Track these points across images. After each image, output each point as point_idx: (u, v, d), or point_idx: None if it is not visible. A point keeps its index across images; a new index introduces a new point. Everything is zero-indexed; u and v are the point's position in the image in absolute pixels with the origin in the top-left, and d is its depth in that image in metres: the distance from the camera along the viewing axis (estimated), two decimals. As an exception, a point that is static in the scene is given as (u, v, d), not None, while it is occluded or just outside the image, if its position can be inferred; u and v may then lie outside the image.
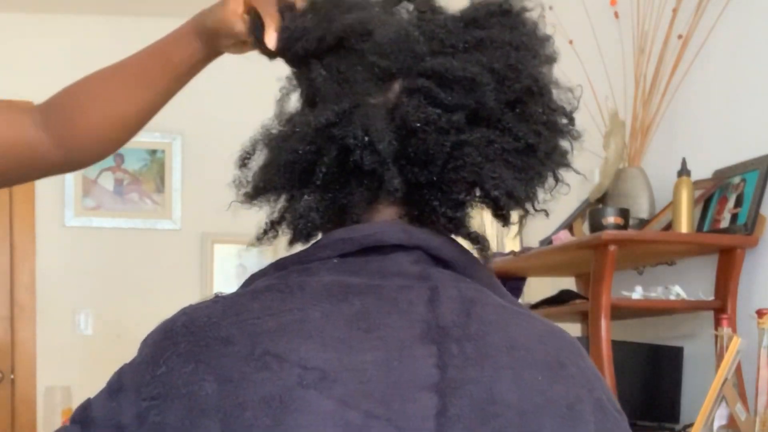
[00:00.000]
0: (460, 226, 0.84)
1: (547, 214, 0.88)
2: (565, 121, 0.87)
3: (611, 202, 2.63)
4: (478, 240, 0.85)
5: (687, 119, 2.67)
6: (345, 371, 0.73)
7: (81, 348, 4.24)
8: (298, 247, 0.85)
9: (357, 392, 0.73)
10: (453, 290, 0.80)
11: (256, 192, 0.85)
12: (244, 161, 0.87)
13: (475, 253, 0.87)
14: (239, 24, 0.97)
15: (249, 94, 2.99)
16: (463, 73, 0.81)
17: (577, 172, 0.89)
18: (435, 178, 0.81)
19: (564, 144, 0.87)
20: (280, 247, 0.86)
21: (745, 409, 2.00)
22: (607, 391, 0.83)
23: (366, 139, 0.79)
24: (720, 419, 2.00)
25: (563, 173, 0.88)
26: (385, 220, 0.84)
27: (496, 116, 0.83)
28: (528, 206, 0.86)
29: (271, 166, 0.83)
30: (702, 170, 2.50)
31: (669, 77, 2.67)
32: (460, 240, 0.85)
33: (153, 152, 4.45)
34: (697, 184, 2.44)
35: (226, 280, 4.37)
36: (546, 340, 0.81)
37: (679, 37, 2.63)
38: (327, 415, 0.71)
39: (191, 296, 1.14)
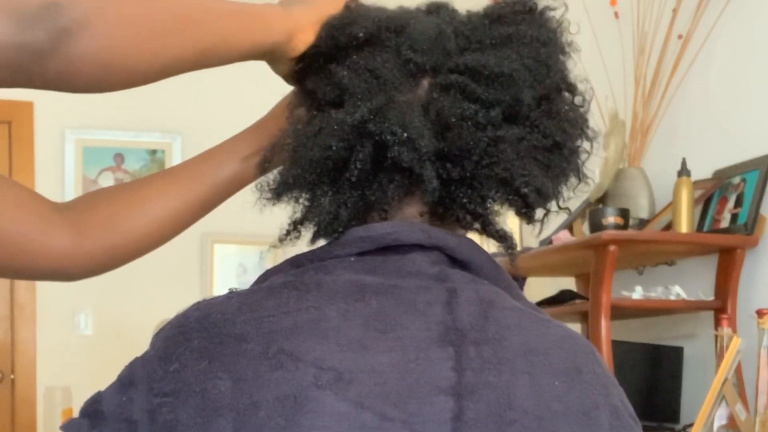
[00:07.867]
0: (487, 223, 0.83)
1: (569, 212, 0.88)
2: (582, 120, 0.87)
3: (611, 202, 2.63)
4: (506, 237, 0.84)
5: (687, 119, 2.67)
6: (361, 372, 0.72)
7: (81, 348, 4.23)
8: (319, 244, 0.83)
9: (372, 394, 0.72)
10: (471, 292, 0.79)
11: (285, 188, 0.83)
12: (264, 165, 0.86)
13: (498, 252, 0.86)
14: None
15: (249, 94, 2.98)
16: (500, 68, 0.81)
17: (577, 180, 0.89)
18: (468, 175, 0.80)
19: (584, 143, 0.87)
20: (281, 249, 0.86)
21: (745, 409, 2.00)
22: (622, 397, 0.83)
23: (405, 135, 0.78)
24: (720, 419, 2.00)
25: (584, 173, 0.88)
26: (405, 218, 0.83)
27: (526, 113, 0.82)
28: (553, 204, 0.86)
29: (300, 163, 0.81)
30: (702, 170, 2.50)
31: (669, 77, 2.67)
32: (481, 241, 0.85)
33: (153, 152, 4.44)
34: (697, 184, 2.44)
35: (226, 280, 4.37)
36: (563, 345, 0.79)
37: (679, 37, 2.63)
38: (342, 417, 0.70)
39: (191, 296, 1.13)
